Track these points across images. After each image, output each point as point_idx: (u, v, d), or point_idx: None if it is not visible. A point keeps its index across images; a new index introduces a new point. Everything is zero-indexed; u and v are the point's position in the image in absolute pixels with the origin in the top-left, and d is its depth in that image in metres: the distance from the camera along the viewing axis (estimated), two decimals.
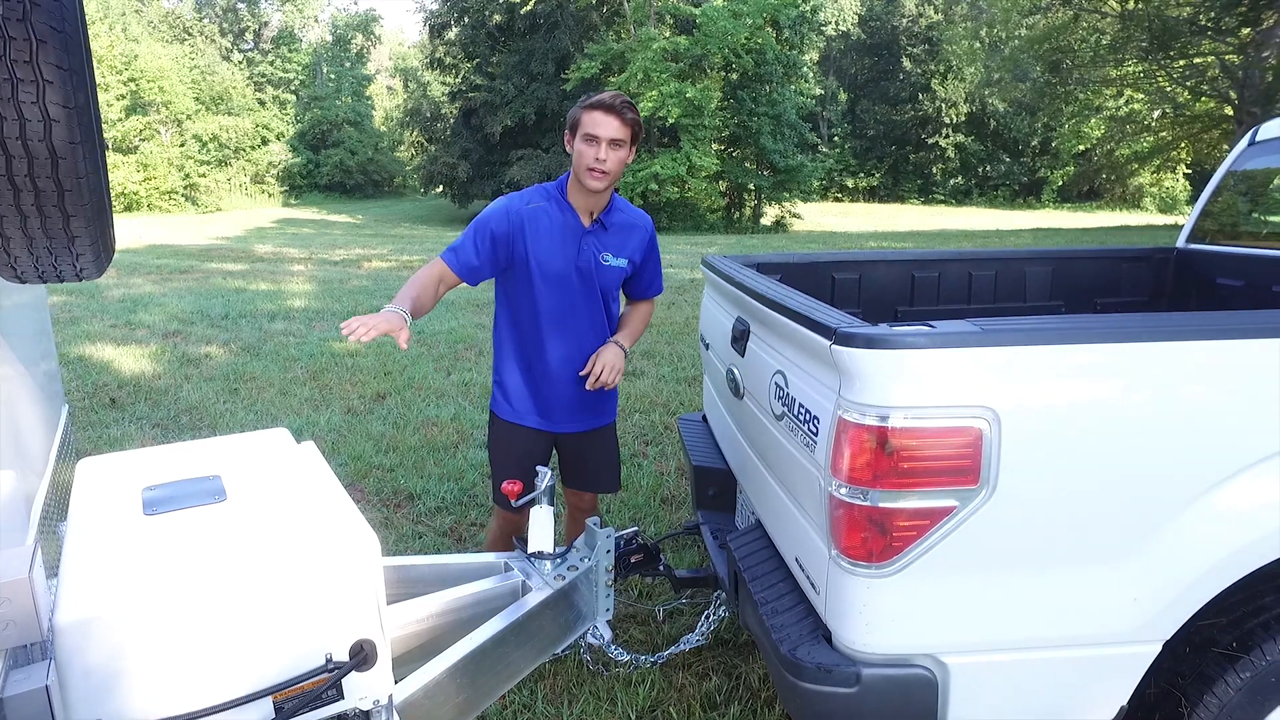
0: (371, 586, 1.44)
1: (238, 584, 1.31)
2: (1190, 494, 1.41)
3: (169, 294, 10.35)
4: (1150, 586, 1.43)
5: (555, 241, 2.30)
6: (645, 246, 2.43)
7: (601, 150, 2.17)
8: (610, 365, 2.32)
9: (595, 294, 2.36)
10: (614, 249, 2.36)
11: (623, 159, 2.23)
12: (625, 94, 2.07)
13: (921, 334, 1.36)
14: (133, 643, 1.22)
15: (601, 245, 2.34)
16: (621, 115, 2.17)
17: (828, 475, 1.46)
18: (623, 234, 2.38)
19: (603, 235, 2.34)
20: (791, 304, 1.67)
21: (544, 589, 2.04)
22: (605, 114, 2.16)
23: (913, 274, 2.97)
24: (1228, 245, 2.87)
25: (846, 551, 1.44)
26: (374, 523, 3.52)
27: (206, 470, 1.70)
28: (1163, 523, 1.41)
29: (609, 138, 2.17)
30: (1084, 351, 1.37)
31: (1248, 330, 1.41)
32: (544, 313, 2.35)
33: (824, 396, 1.49)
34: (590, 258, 2.33)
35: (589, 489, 2.66)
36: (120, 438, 4.71)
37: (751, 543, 1.97)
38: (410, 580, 2.17)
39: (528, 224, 2.29)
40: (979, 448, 1.35)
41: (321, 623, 1.39)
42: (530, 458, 2.53)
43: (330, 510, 1.55)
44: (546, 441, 2.52)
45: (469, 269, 2.28)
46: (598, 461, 2.59)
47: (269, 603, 1.33)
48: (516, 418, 2.47)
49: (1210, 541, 1.42)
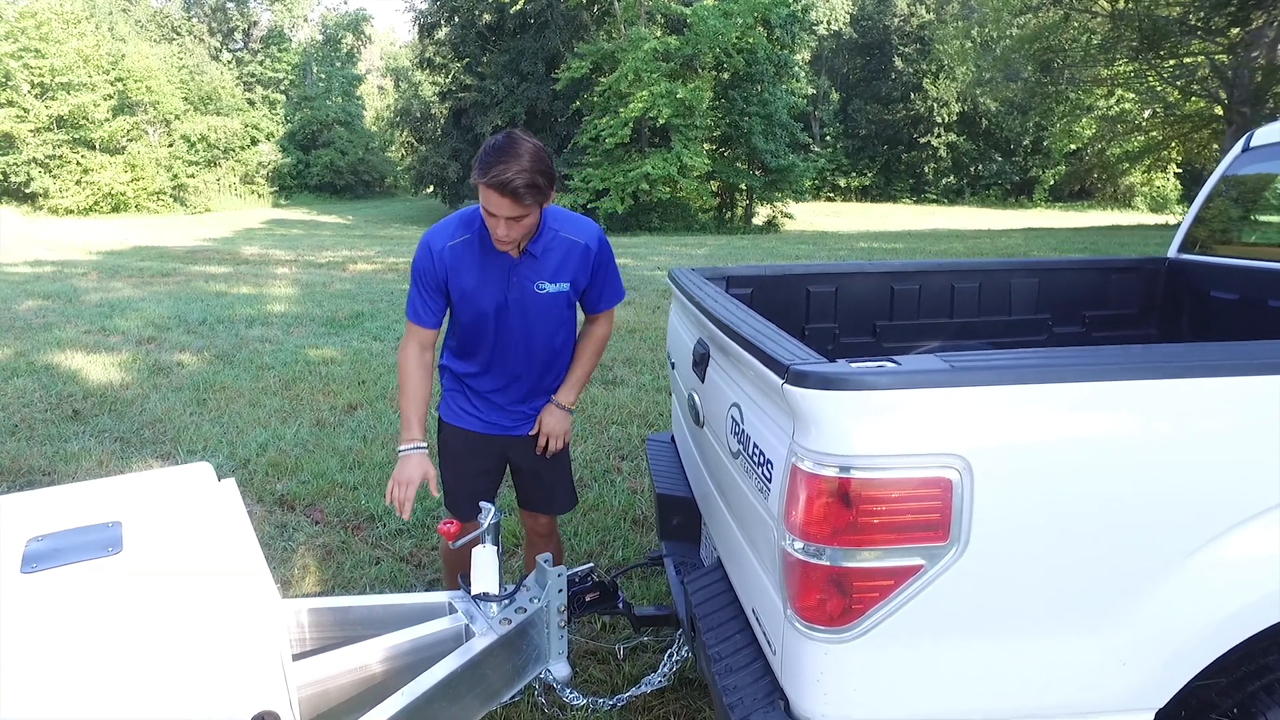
0: (274, 653, 1.29)
1: (121, 656, 1.16)
2: (1188, 547, 1.26)
3: (148, 298, 10.15)
4: (1142, 650, 1.28)
5: (481, 278, 2.14)
6: (591, 262, 2.22)
7: (500, 227, 1.96)
8: (554, 435, 2.31)
9: (535, 324, 2.21)
10: (550, 275, 2.16)
11: (530, 224, 2.02)
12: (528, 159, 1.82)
13: (885, 372, 1.21)
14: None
15: (534, 274, 2.14)
16: (518, 199, 1.89)
17: (781, 528, 1.31)
18: (559, 256, 2.18)
19: (534, 263, 2.14)
20: (744, 330, 1.52)
21: (489, 634, 1.90)
22: (500, 196, 1.88)
23: (892, 286, 2.83)
24: (1221, 256, 2.73)
25: (802, 613, 1.30)
26: (331, 547, 3.37)
27: (107, 515, 1.54)
28: (1157, 579, 1.27)
29: (506, 217, 1.94)
30: (1068, 391, 1.22)
31: (1254, 365, 1.26)
32: (480, 348, 2.23)
33: (778, 439, 1.35)
34: (522, 289, 2.15)
35: (547, 510, 2.53)
36: (79, 453, 4.54)
37: (710, 585, 1.83)
38: (348, 623, 2.02)
39: (450, 264, 2.14)
40: (948, 500, 1.21)
41: (218, 697, 1.24)
42: (484, 475, 2.41)
43: (235, 567, 1.40)
44: (497, 452, 2.40)
45: (436, 316, 2.21)
46: (553, 474, 2.45)
47: (157, 677, 1.19)
48: (461, 421, 2.35)
49: (1211, 599, 1.27)
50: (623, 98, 23.24)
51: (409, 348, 2.23)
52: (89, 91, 32.26)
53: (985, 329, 2.89)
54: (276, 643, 1.31)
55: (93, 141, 32.89)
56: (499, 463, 2.44)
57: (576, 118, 25.72)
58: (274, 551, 3.33)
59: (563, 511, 2.56)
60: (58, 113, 31.63)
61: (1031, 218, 30.26)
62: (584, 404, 5.25)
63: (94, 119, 32.49)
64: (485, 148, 1.92)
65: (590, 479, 4.03)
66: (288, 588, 3.06)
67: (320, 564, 3.23)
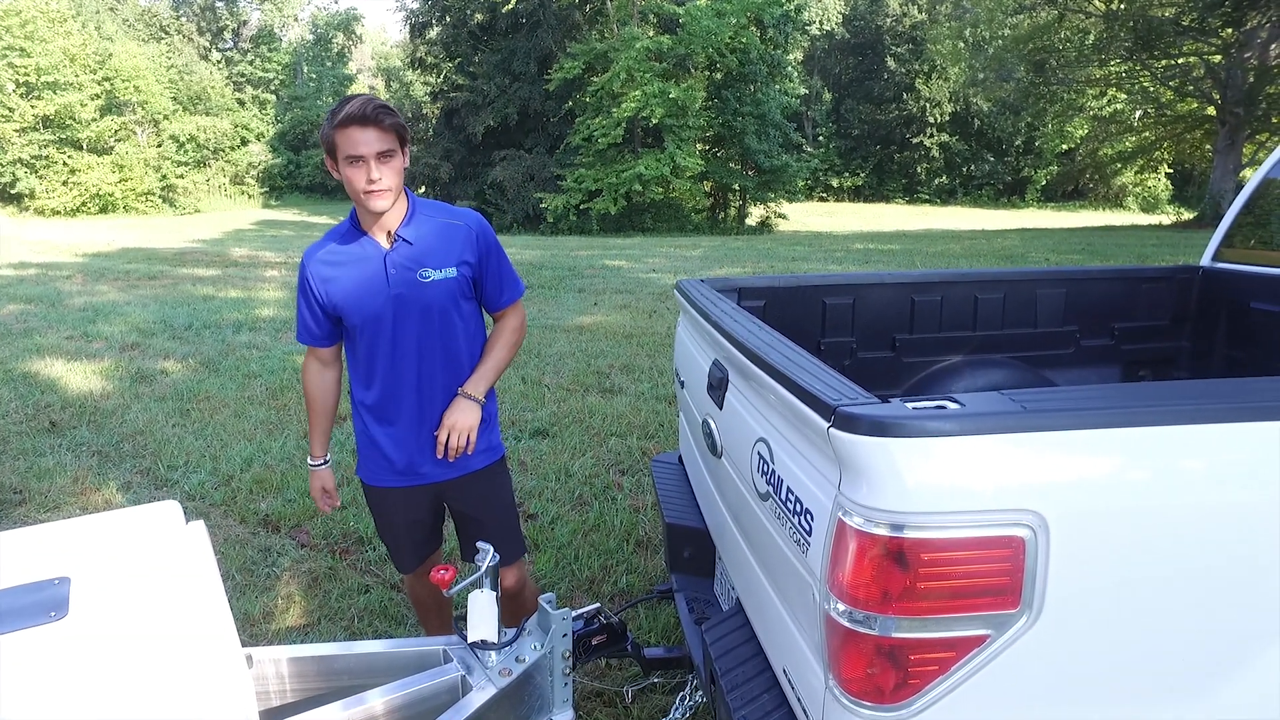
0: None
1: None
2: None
3: (133, 302, 9.94)
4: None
5: (356, 278, 1.97)
6: (476, 243, 2.03)
7: (372, 169, 1.83)
8: (455, 427, 2.00)
9: (428, 319, 1.99)
10: (434, 261, 1.98)
11: (399, 167, 1.89)
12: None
13: (947, 416, 1.05)
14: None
15: (413, 261, 1.96)
16: (379, 123, 1.81)
17: (824, 589, 1.15)
18: (438, 240, 2.00)
19: (410, 250, 1.96)
20: (774, 358, 1.36)
21: (488, 686, 1.73)
22: (360, 128, 1.80)
23: (912, 297, 2.67)
24: (1263, 265, 2.58)
25: (847, 686, 1.13)
26: (318, 574, 3.19)
27: (55, 569, 1.37)
28: (1257, 646, 1.11)
29: (374, 152, 1.82)
30: (1163, 435, 1.06)
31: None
32: (377, 358, 2.02)
33: (820, 488, 1.18)
34: (404, 281, 1.96)
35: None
36: (53, 469, 4.34)
37: (732, 634, 1.66)
38: (333, 673, 1.85)
39: (322, 276, 1.99)
40: (1020, 562, 1.05)
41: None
42: (418, 526, 2.22)
43: (197, 631, 1.23)
44: (427, 501, 2.18)
45: (327, 336, 2.07)
46: (489, 525, 2.16)
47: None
48: (380, 481, 2.14)
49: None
50: (615, 98, 23.06)
51: (308, 367, 2.17)
52: (76, 91, 31.89)
53: (1009, 342, 2.74)
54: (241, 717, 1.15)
55: (80, 141, 32.52)
56: (432, 509, 2.22)
57: (569, 118, 25.52)
58: (257, 579, 3.15)
59: (511, 560, 2.21)
60: (44, 112, 31.25)
61: (1024, 218, 30.21)
62: (581, 415, 5.08)
63: (81, 119, 32.12)
64: (329, 112, 1.88)
65: (590, 496, 3.86)
66: (270, 620, 2.88)
67: (306, 593, 3.05)
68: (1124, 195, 38.33)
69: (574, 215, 24.03)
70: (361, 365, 2.06)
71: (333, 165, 1.91)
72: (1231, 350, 2.69)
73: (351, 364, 2.10)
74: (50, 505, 3.90)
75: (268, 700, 1.79)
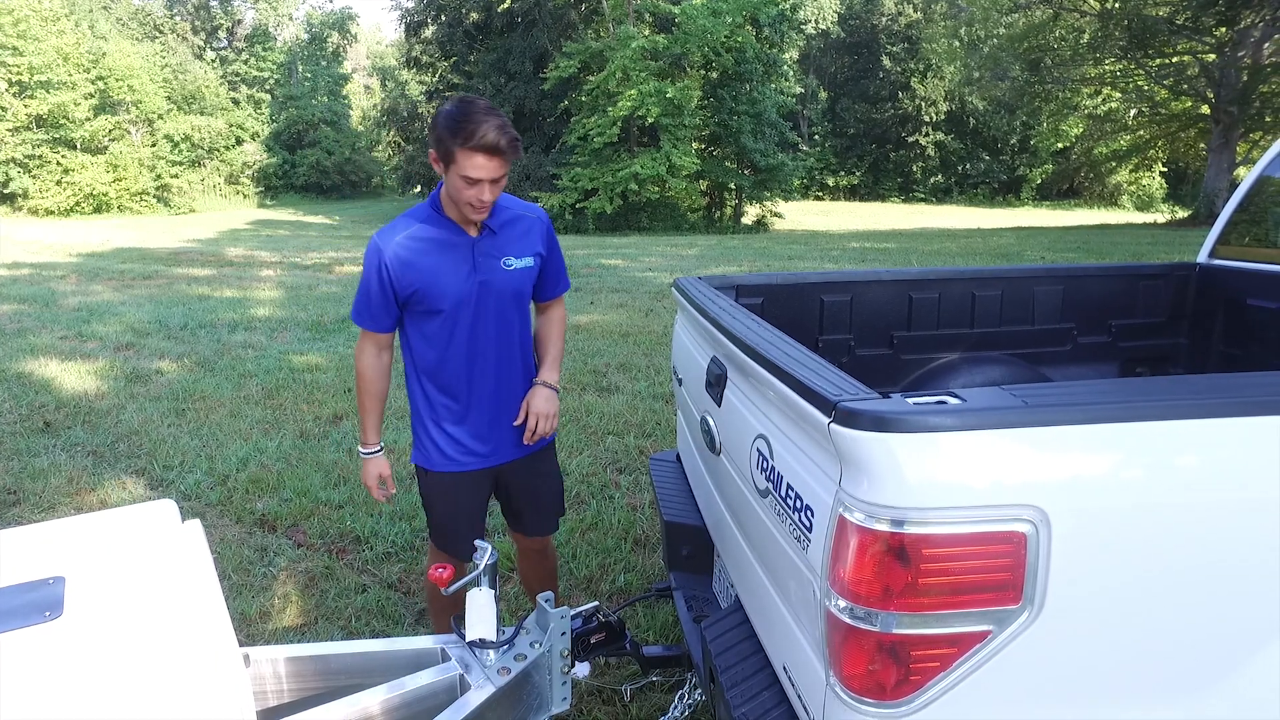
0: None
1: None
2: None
3: (128, 302, 9.90)
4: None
5: (445, 265, 2.01)
6: (546, 236, 2.16)
7: (485, 192, 1.88)
8: (544, 414, 2.14)
9: (506, 307, 2.09)
10: (515, 250, 2.08)
11: (503, 184, 1.95)
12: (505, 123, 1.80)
13: (948, 411, 1.05)
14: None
15: (498, 250, 2.06)
16: (505, 156, 1.86)
17: (825, 586, 1.14)
18: (518, 230, 2.10)
19: (495, 240, 2.05)
20: (774, 355, 1.36)
21: (486, 685, 1.72)
22: (488, 158, 1.83)
23: (910, 295, 2.67)
24: (1259, 262, 2.59)
25: (848, 683, 1.13)
26: (315, 573, 3.18)
27: (50, 568, 1.36)
28: (1261, 639, 1.11)
29: (492, 179, 1.87)
30: (1167, 430, 1.06)
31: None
32: (456, 343, 2.07)
33: (820, 484, 1.18)
34: (490, 268, 2.04)
35: (540, 532, 2.39)
36: (47, 469, 4.32)
37: (731, 631, 1.66)
38: (330, 672, 1.84)
39: (403, 259, 2.00)
40: (1021, 558, 1.04)
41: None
42: (481, 507, 2.28)
43: (193, 633, 1.22)
44: (489, 481, 2.26)
45: (390, 318, 2.09)
46: (545, 496, 2.34)
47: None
48: (452, 466, 2.18)
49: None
50: (611, 97, 23.03)
51: (365, 351, 2.16)
52: (69, 90, 31.74)
53: (1007, 339, 2.74)
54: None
55: (73, 141, 32.38)
56: (491, 489, 2.30)
57: (564, 117, 25.48)
58: (253, 579, 3.14)
59: (554, 530, 2.42)
60: (37, 111, 31.09)
61: (1019, 217, 30.27)
62: (578, 413, 5.07)
63: (74, 118, 31.96)
64: (449, 115, 1.86)
65: (588, 494, 3.86)
66: (267, 619, 2.87)
67: (303, 593, 3.04)
68: (1119, 194, 38.44)
69: (570, 214, 23.99)
70: (436, 351, 2.09)
71: (440, 165, 1.92)
72: (1228, 346, 2.70)
73: (421, 351, 2.12)
74: (45, 505, 3.88)
75: (265, 700, 1.78)
